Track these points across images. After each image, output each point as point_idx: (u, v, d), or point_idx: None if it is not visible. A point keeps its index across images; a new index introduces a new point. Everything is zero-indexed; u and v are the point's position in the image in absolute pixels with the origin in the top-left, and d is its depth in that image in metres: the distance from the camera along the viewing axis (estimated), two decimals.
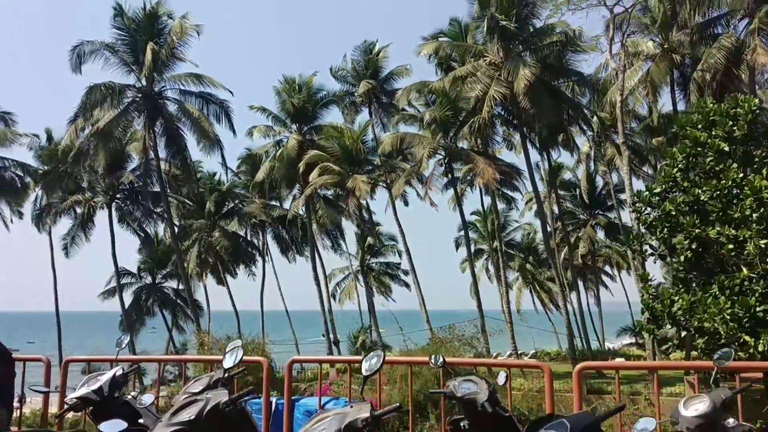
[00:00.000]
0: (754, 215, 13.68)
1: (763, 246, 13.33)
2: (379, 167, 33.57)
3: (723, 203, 15.08)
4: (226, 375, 4.04)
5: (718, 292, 14.72)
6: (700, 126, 16.04)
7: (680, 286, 16.62)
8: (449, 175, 29.49)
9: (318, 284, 40.39)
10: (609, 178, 44.61)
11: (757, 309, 13.95)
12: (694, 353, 18.37)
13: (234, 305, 42.66)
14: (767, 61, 21.06)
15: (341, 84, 40.27)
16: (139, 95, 35.10)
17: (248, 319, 40.06)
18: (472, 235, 54.02)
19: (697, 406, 3.24)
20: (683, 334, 15.62)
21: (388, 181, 32.66)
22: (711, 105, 16.13)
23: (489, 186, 30.07)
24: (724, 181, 14.76)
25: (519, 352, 36.29)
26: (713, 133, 15.53)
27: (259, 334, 25.52)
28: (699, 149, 15.54)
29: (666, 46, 24.90)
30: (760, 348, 13.43)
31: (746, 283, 14.73)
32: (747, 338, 13.96)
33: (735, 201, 15.11)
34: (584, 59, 51.76)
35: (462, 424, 3.48)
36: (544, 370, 5.03)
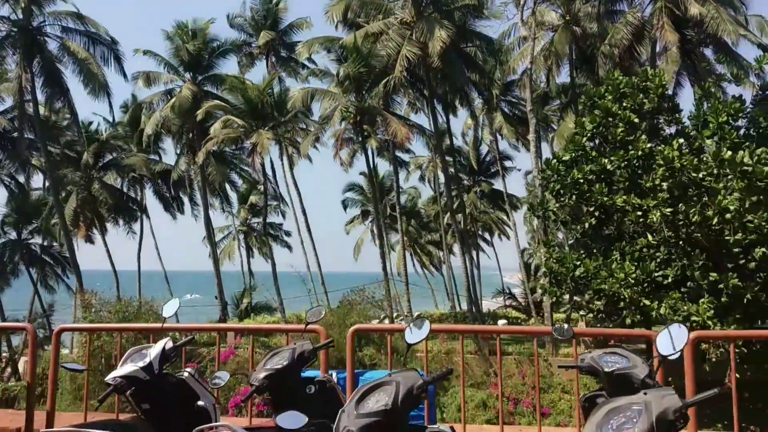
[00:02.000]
0: (664, 185, 14.36)
1: (668, 214, 14.04)
2: (284, 123, 32.39)
3: (630, 173, 15.79)
4: (314, 347, 3.66)
5: (620, 258, 15.49)
6: (609, 98, 16.62)
7: (582, 252, 17.38)
8: (360, 135, 28.90)
9: (213, 244, 38.82)
10: (496, 145, 45.87)
11: (656, 274, 14.82)
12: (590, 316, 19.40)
13: (113, 264, 40.05)
14: (675, 38, 22.27)
15: (238, 33, 38.60)
16: (15, 29, 31.73)
17: (122, 280, 37.82)
18: (357, 197, 54.05)
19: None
20: (587, 297, 16.30)
21: (297, 139, 31.70)
22: (621, 78, 16.74)
23: (403, 145, 29.95)
24: (633, 152, 15.41)
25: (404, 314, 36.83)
26: (623, 104, 16.14)
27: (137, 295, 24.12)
28: (610, 120, 16.12)
29: (568, 18, 25.73)
30: (662, 311, 14.23)
31: (645, 249, 15.59)
32: (647, 302, 14.79)
33: (641, 171, 15.88)
34: (490, 26, 52.66)
35: (600, 401, 3.18)
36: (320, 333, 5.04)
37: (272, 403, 3.53)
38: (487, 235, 63.95)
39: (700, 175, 14.34)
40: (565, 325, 3.56)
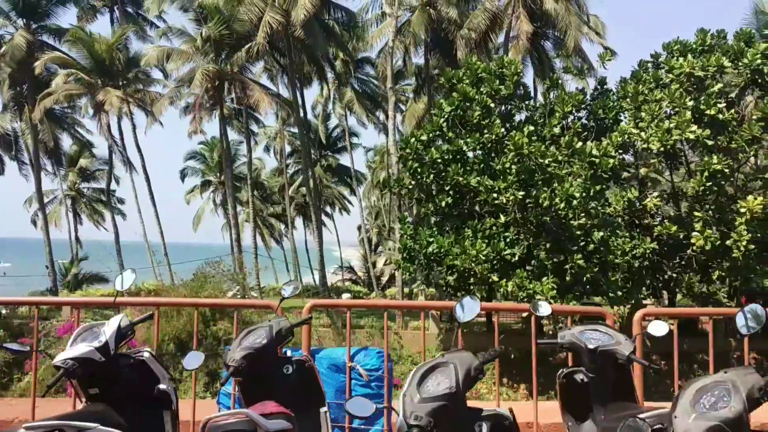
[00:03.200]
0: (513, 168, 15.11)
1: (520, 197, 14.81)
2: (134, 81, 29.88)
3: (484, 155, 16.46)
4: (292, 324, 3.35)
5: (472, 236, 16.14)
6: (467, 81, 17.17)
7: (434, 229, 17.92)
8: (217, 101, 27.33)
9: (44, 210, 35.28)
10: (345, 121, 46.00)
11: (505, 252, 15.62)
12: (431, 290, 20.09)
13: None
14: (530, 29, 23.40)
15: None
16: None
17: None
18: (198, 165, 52.02)
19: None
20: (438, 271, 16.85)
21: (147, 99, 29.37)
22: (479, 63, 17.33)
23: (264, 114, 28.90)
24: (488, 135, 16.06)
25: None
26: (480, 89, 16.74)
27: None
28: (467, 104, 16.66)
29: (425, 0, 26.23)
30: (509, 288, 15.03)
31: (494, 228, 16.37)
32: (495, 278, 15.57)
33: (494, 154, 16.60)
34: None
35: (580, 378, 3.14)
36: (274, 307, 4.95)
37: (242, 386, 3.19)
38: (328, 209, 64.32)
39: (546, 161, 15.28)
40: (542, 303, 3.53)
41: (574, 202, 13.96)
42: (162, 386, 3.19)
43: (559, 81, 17.96)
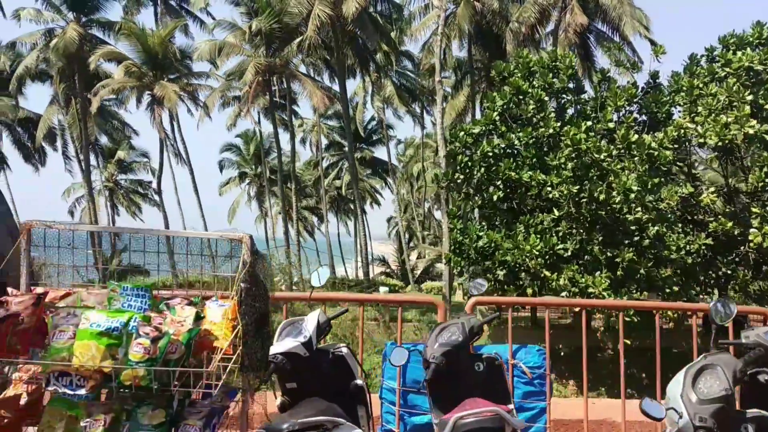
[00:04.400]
0: (569, 164, 15.06)
1: (574, 191, 14.77)
2: (188, 75, 30.33)
3: (536, 150, 16.42)
4: (481, 322, 3.46)
5: (524, 231, 16.15)
6: (519, 75, 17.14)
7: (483, 224, 17.95)
8: (270, 93, 27.62)
9: (93, 200, 35.99)
10: (383, 113, 46.04)
11: (558, 247, 15.60)
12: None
13: None
14: (585, 20, 23.24)
15: None
16: None
17: None
18: (235, 157, 52.49)
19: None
20: (486, 266, 16.87)
21: (199, 93, 29.90)
22: (531, 57, 17.29)
23: (318, 108, 29.15)
24: (543, 129, 16.02)
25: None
26: (533, 83, 16.70)
27: None
28: (520, 97, 16.64)
29: None
30: (561, 282, 15.03)
31: (545, 223, 16.35)
32: (547, 273, 15.56)
33: (547, 149, 16.56)
34: None
35: (764, 378, 3.19)
36: (438, 305, 4.95)
37: (433, 383, 3.27)
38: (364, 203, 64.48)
39: (602, 156, 15.20)
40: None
41: (632, 195, 13.89)
42: (358, 381, 3.28)
43: (609, 75, 17.84)
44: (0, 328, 2.38)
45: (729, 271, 16.70)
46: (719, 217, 16.30)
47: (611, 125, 15.91)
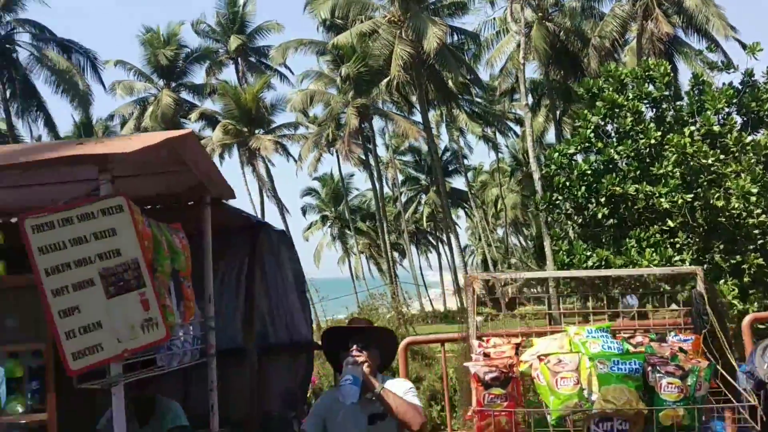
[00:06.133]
0: (677, 172, 14.67)
1: (689, 200, 14.36)
2: (279, 127, 31.57)
3: (639, 161, 16.07)
4: None
5: (636, 245, 15.73)
6: (611, 89, 16.89)
7: (588, 243, 17.59)
8: (365, 135, 28.40)
9: None
10: (458, 143, 46.17)
11: (675, 259, 15.12)
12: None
13: None
14: (671, 29, 22.92)
15: (203, 39, 37.15)
16: None
17: None
18: (315, 201, 53.45)
19: None
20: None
21: (293, 141, 30.98)
22: (621, 70, 17.04)
23: (414, 140, 29.77)
24: (644, 140, 15.69)
25: None
26: (627, 95, 16.43)
27: None
28: (615, 111, 16.36)
29: (540, 14, 26.16)
30: (678, 298, 14.51)
31: (658, 235, 15.90)
32: (666, 287, 15.07)
33: (649, 160, 16.19)
34: (468, 22, 52.56)
35: None
36: None
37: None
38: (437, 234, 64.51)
39: (710, 161, 14.74)
40: None
41: (752, 199, 13.39)
42: None
43: (703, 78, 17.37)
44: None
45: None
46: None
47: (716, 128, 15.46)
